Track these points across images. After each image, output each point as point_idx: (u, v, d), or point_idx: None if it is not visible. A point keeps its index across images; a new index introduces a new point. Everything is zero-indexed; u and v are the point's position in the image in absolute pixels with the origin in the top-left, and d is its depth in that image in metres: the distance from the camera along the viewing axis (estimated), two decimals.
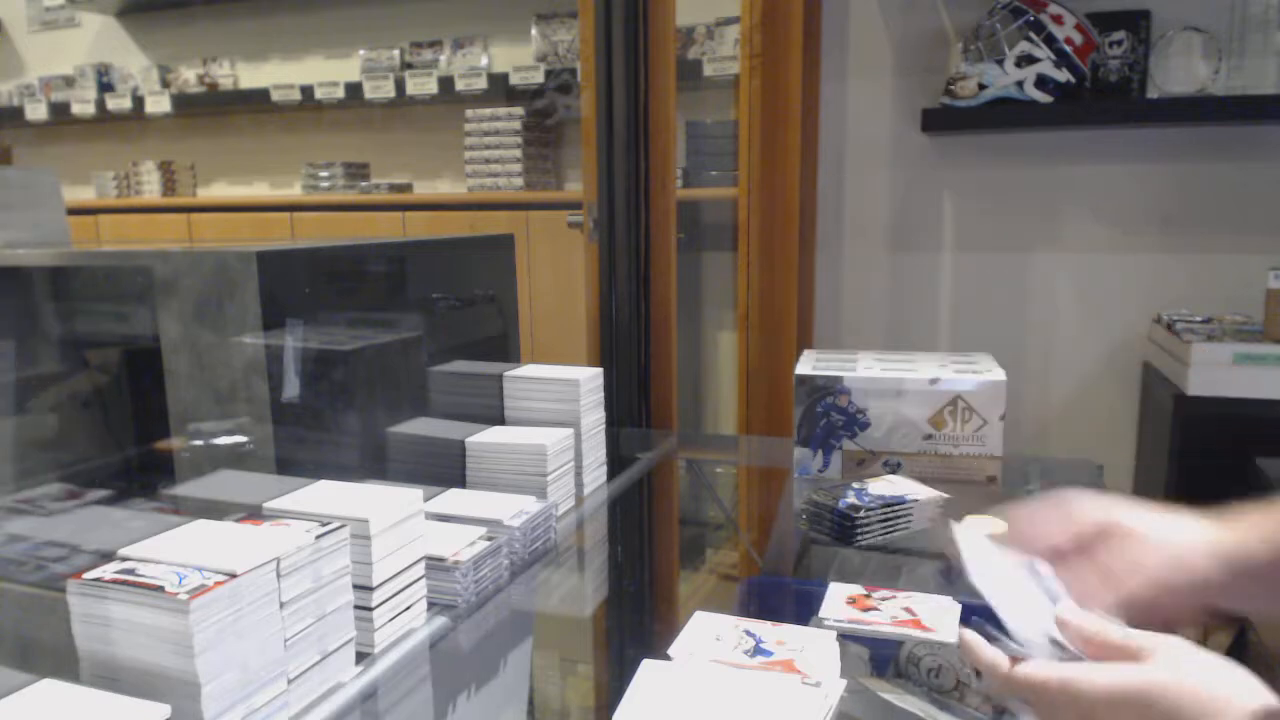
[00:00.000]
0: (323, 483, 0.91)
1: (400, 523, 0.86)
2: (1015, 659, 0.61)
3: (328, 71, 3.44)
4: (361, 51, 3.37)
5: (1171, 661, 0.55)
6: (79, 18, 3.88)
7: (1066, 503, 0.73)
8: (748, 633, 0.82)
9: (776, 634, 0.82)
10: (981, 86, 2.15)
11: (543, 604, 1.09)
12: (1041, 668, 0.59)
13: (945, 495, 1.25)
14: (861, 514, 1.18)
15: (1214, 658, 0.55)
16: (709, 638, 0.81)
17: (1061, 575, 0.68)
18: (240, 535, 0.76)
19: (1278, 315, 1.86)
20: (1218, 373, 1.84)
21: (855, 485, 1.26)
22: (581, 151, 1.83)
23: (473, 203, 3.03)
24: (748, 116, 2.21)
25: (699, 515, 1.54)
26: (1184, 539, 0.67)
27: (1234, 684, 0.53)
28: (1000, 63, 2.13)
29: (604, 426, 1.38)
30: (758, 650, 0.79)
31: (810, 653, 0.79)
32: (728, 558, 1.35)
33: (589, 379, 1.34)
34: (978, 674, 0.80)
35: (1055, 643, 0.61)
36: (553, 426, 1.29)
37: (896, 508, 1.21)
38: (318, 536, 0.76)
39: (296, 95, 3.34)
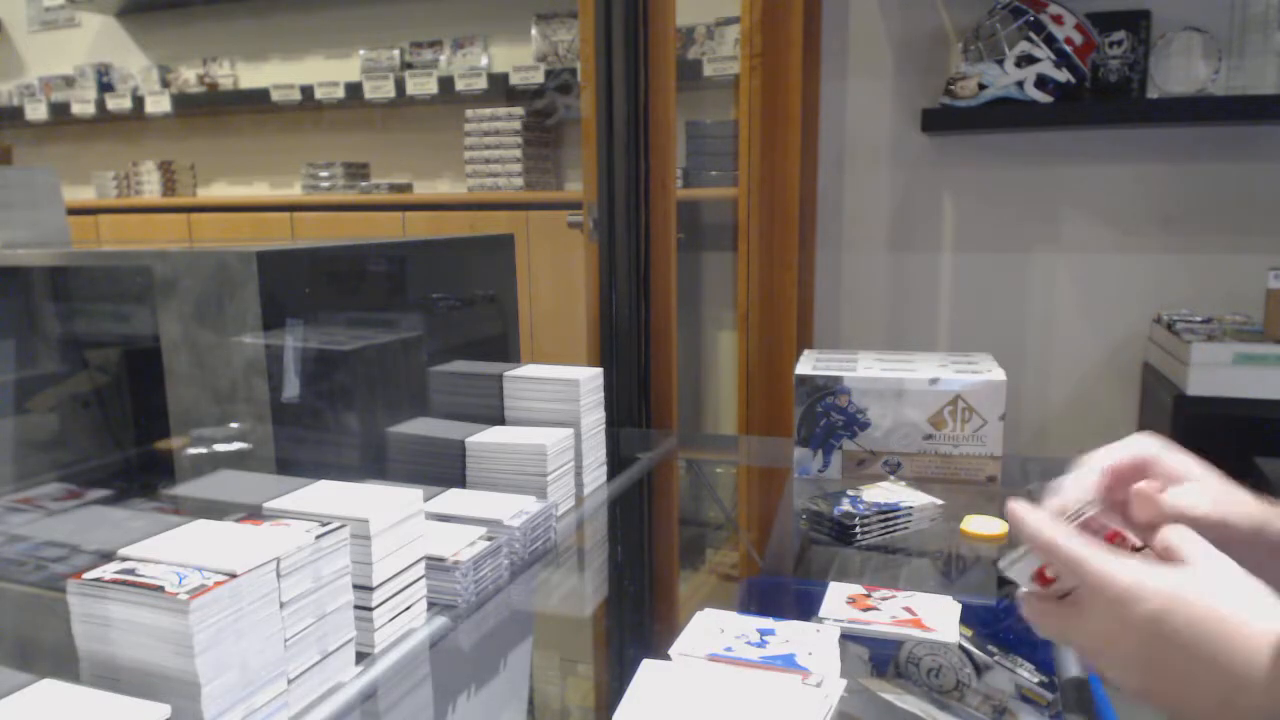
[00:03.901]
0: (323, 483, 0.91)
1: (400, 523, 0.86)
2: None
3: (328, 71, 3.44)
4: (361, 51, 3.37)
5: (1208, 577, 0.56)
6: (79, 18, 3.88)
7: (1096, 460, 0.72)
8: (758, 630, 0.82)
9: (781, 631, 0.82)
10: (981, 86, 2.15)
11: (543, 604, 1.09)
12: (1084, 545, 0.59)
13: (940, 501, 1.25)
14: (857, 521, 1.18)
15: (1256, 583, 0.55)
16: (714, 631, 0.81)
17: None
18: (240, 535, 0.76)
19: (1278, 315, 1.86)
20: (1218, 373, 1.84)
21: (850, 493, 1.26)
22: (581, 151, 1.83)
23: (473, 203, 3.04)
24: (748, 116, 2.21)
25: (699, 515, 1.54)
26: (1216, 483, 0.68)
27: (1263, 612, 0.53)
28: (1000, 63, 2.13)
29: (604, 426, 1.38)
30: (762, 645, 0.79)
31: (812, 651, 0.79)
32: (728, 558, 1.35)
33: (589, 379, 1.34)
34: (978, 673, 0.80)
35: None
36: (553, 426, 1.29)
37: (892, 515, 1.21)
38: (318, 536, 0.76)
39: (296, 95, 3.34)
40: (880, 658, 0.85)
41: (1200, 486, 0.68)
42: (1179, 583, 0.55)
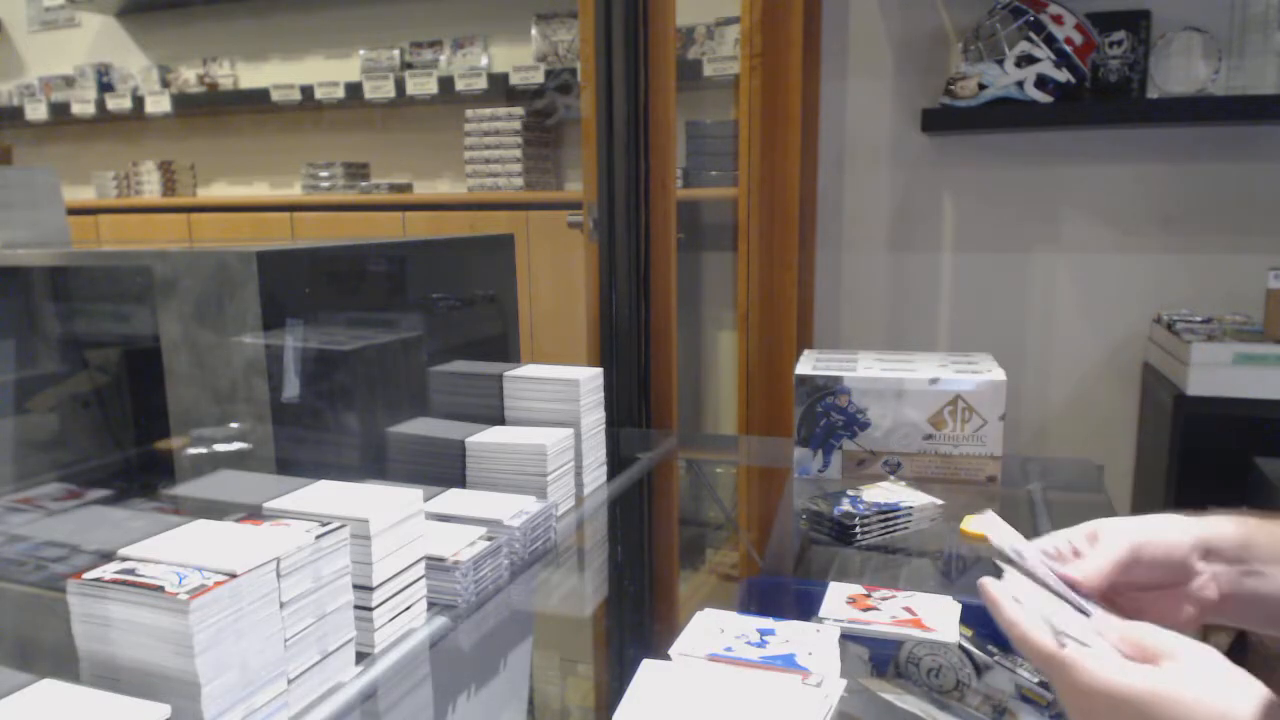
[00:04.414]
0: (323, 483, 0.91)
1: (400, 523, 0.86)
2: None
3: (328, 71, 3.44)
4: (361, 51, 3.37)
5: (1185, 671, 0.54)
6: (79, 18, 3.88)
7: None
8: (758, 630, 0.82)
9: (781, 631, 0.82)
10: (981, 86, 2.15)
11: (543, 604, 1.09)
12: (1052, 643, 0.59)
13: (940, 501, 1.25)
14: (857, 521, 1.18)
15: (1237, 672, 0.54)
16: (714, 631, 0.81)
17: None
18: (240, 535, 0.76)
19: (1278, 315, 1.86)
20: (1218, 373, 1.84)
21: (850, 493, 1.26)
22: (581, 151, 1.83)
23: (473, 203, 3.03)
24: (748, 116, 2.21)
25: (699, 515, 1.54)
26: (1162, 520, 0.70)
27: (1244, 702, 0.52)
28: (1000, 63, 2.13)
29: (604, 426, 1.38)
30: (762, 645, 0.79)
31: (812, 651, 0.79)
32: (728, 558, 1.35)
33: (589, 379, 1.34)
34: (978, 673, 0.80)
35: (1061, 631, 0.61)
36: (553, 426, 1.29)
37: (892, 515, 1.21)
38: (318, 536, 0.76)
39: (296, 95, 3.34)
40: (880, 658, 0.85)
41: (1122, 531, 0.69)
42: (1160, 680, 0.54)
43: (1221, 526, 0.69)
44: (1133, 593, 0.69)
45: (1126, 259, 2.32)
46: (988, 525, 0.70)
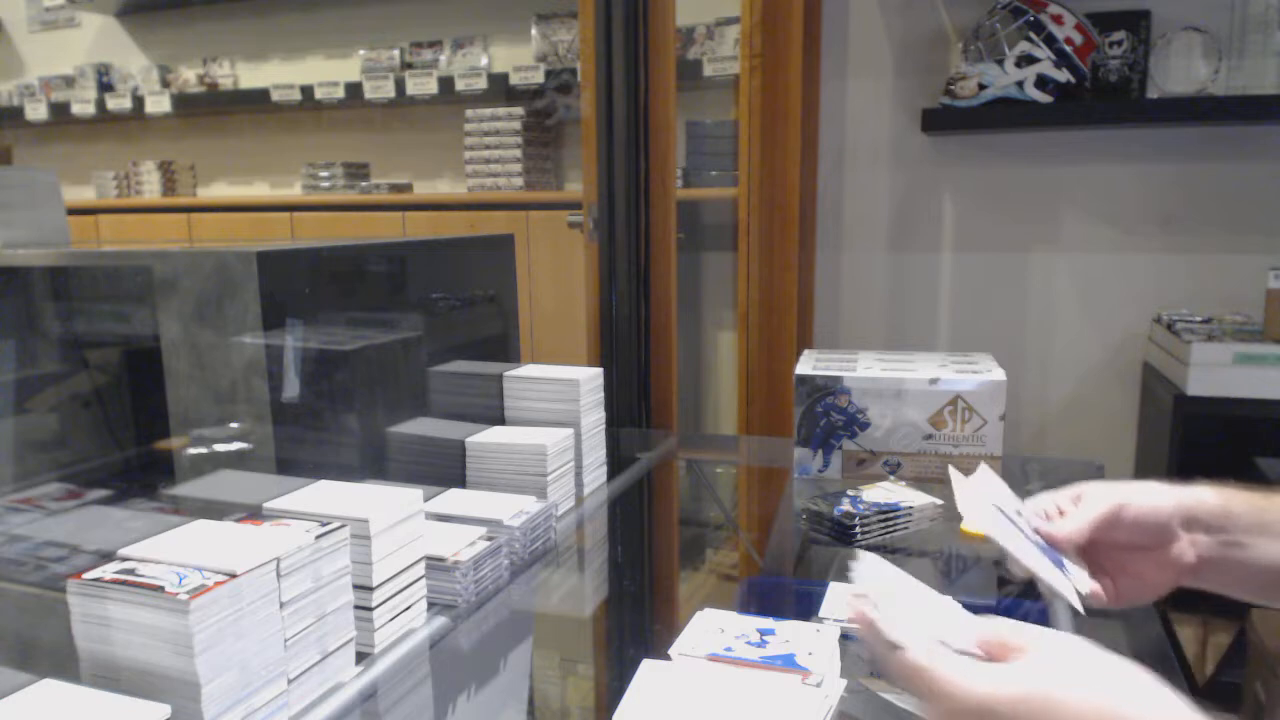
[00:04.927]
0: (323, 483, 0.91)
1: (400, 523, 0.86)
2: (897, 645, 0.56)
3: (328, 71, 3.44)
4: (361, 51, 3.37)
5: (1055, 665, 0.51)
6: (79, 18, 3.88)
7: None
8: (758, 630, 0.82)
9: (781, 631, 0.82)
10: (981, 86, 2.15)
11: (543, 604, 1.09)
12: (919, 659, 0.54)
13: (940, 501, 1.25)
14: (857, 521, 1.18)
15: (1113, 659, 0.51)
16: (713, 631, 0.81)
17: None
18: (240, 535, 0.76)
19: (1278, 315, 1.86)
20: (1218, 373, 1.84)
21: (850, 493, 1.26)
22: (581, 151, 1.83)
23: (473, 203, 3.04)
24: (748, 116, 2.21)
25: (699, 515, 1.54)
26: (1145, 485, 0.72)
27: (1133, 694, 0.49)
28: (1000, 63, 2.13)
29: (604, 426, 1.38)
30: (762, 645, 0.79)
31: (813, 651, 0.79)
32: (728, 558, 1.35)
33: (589, 379, 1.34)
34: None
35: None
36: (553, 426, 1.29)
37: (892, 515, 1.21)
38: (318, 536, 0.76)
39: (296, 95, 3.34)
40: None
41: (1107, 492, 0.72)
42: (1024, 677, 0.51)
43: (1204, 495, 0.71)
44: (1113, 552, 0.72)
45: (1126, 259, 2.32)
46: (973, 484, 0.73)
